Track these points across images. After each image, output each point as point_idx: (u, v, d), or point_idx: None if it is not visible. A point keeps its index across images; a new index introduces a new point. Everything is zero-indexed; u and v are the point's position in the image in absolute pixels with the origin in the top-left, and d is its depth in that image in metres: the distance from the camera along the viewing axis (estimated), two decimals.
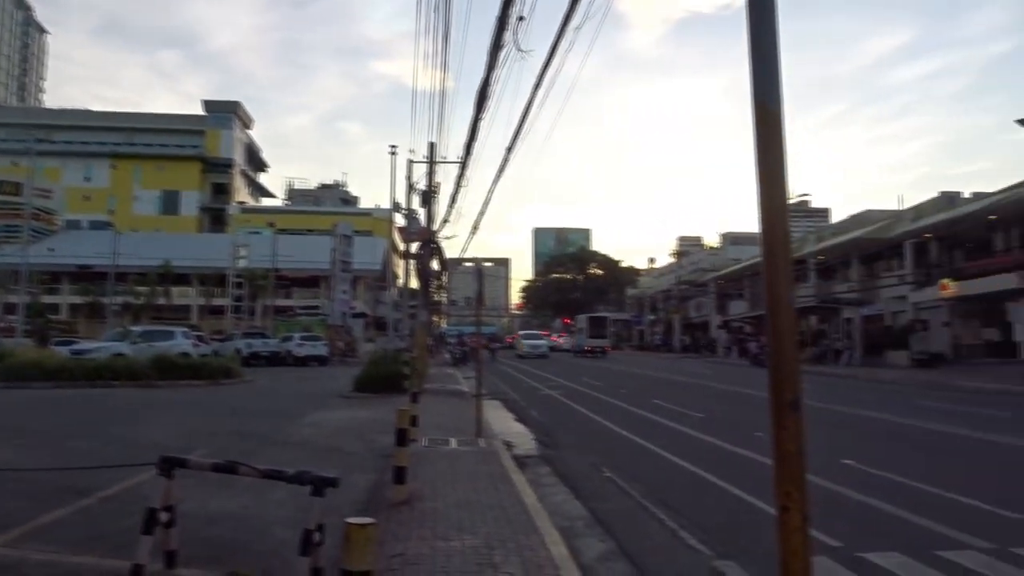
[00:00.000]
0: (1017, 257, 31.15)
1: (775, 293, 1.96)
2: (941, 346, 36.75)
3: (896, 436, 13.23)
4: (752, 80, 1.97)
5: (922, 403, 18.93)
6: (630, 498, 8.01)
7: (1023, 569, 5.42)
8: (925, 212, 41.49)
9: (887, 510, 7.25)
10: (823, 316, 49.18)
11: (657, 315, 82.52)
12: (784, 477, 1.91)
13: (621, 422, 14.71)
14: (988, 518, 6.97)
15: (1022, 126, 22.56)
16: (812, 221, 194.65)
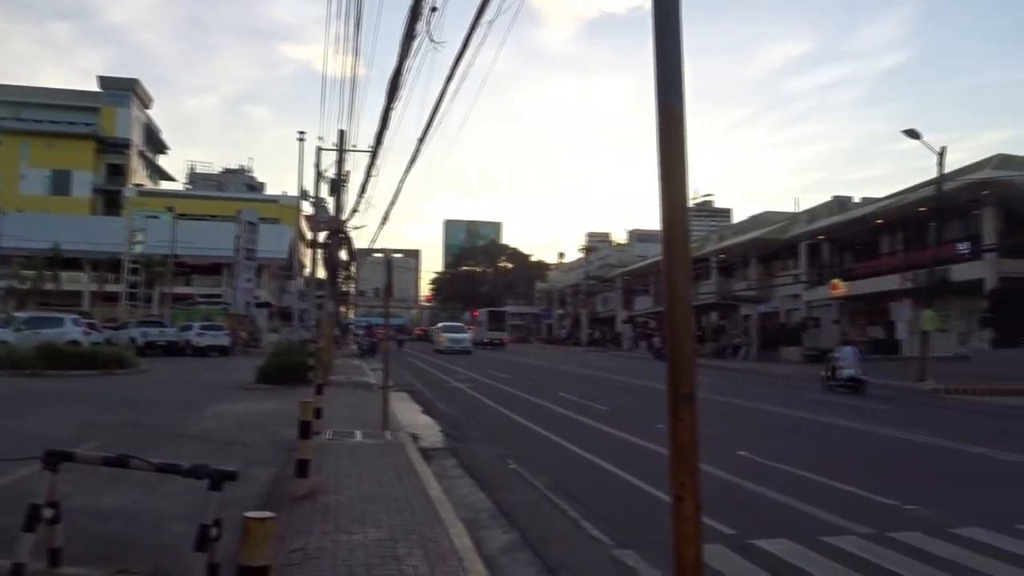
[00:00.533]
0: (900, 260, 33.08)
1: (673, 290, 2.03)
2: (831, 343, 38.63)
3: (788, 428, 13.87)
4: (656, 81, 2.03)
5: (811, 396, 19.89)
6: (535, 489, 8.11)
7: (897, 552, 5.77)
8: (819, 215, 43.55)
9: (778, 499, 7.59)
10: (723, 312, 51.01)
11: (565, 309, 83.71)
12: (679, 468, 1.98)
13: (528, 414, 14.86)
14: (867, 504, 7.39)
15: (908, 136, 23.85)
16: (715, 221, 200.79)
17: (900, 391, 22.51)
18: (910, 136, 23.87)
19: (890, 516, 6.90)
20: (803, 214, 47.36)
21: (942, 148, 24.31)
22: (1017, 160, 31.53)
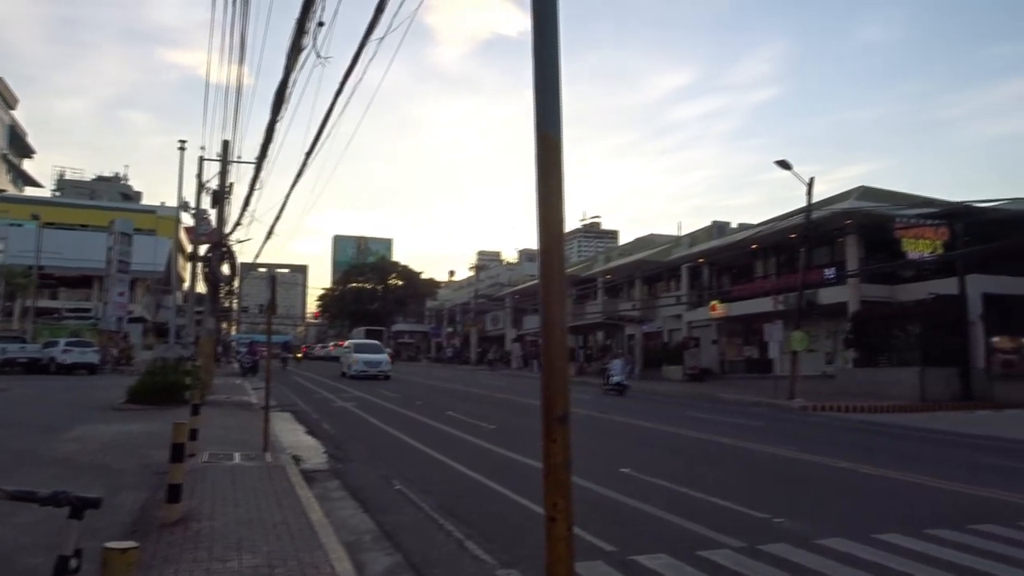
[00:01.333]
0: (773, 283, 34.88)
1: (549, 311, 2.07)
2: (710, 362, 40.29)
3: (669, 445, 14.30)
4: (535, 110, 2.07)
5: (692, 414, 20.61)
6: (420, 510, 8.02)
7: (766, 563, 6.04)
8: (699, 239, 45.44)
9: (658, 515, 7.80)
10: (609, 332, 52.22)
11: (455, 327, 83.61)
12: (552, 488, 2.01)
13: (414, 434, 14.71)
14: (740, 518, 7.71)
15: (781, 167, 25.29)
16: (603, 242, 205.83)
17: (772, 408, 23.66)
18: (782, 167, 25.32)
19: (761, 529, 7.21)
20: (685, 238, 49.31)
21: (811, 179, 25.94)
22: (877, 192, 33.96)
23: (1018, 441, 16.00)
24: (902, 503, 8.97)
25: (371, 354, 37.21)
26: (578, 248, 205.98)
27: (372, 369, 35.65)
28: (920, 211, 29.61)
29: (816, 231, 28.32)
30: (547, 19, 2.04)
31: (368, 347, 39.42)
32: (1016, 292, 27.32)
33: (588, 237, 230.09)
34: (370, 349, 38.69)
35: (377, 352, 38.00)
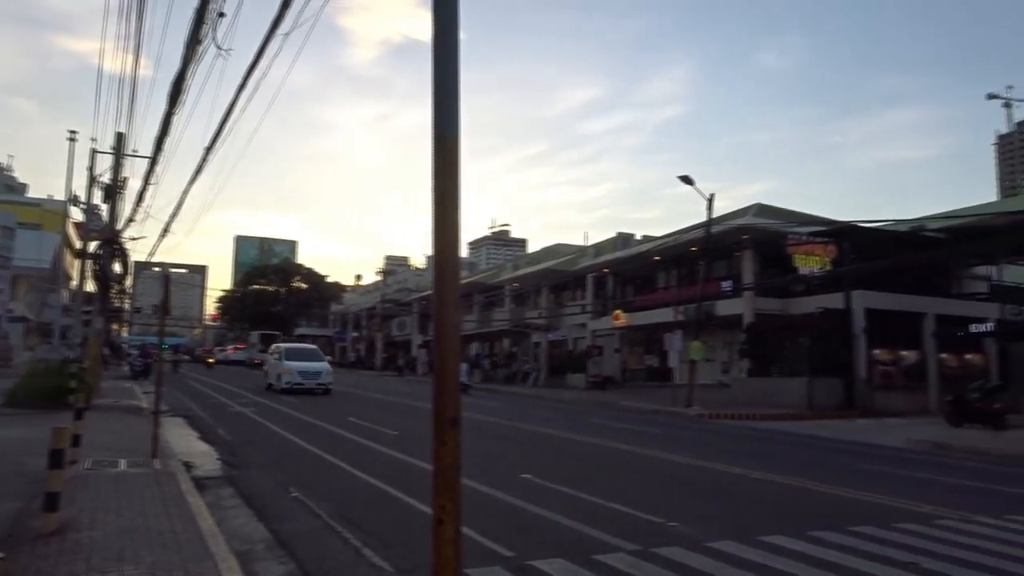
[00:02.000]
0: (674, 294, 35.88)
1: (442, 315, 2.06)
2: (612, 370, 41.07)
3: (569, 451, 14.48)
4: (433, 113, 2.07)
5: (594, 421, 20.96)
6: (317, 518, 7.85)
7: (659, 566, 6.19)
8: (604, 250, 46.34)
9: (557, 520, 7.89)
10: (515, 339, 52.54)
11: (360, 332, 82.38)
12: (441, 491, 2.01)
13: (314, 440, 14.40)
14: (636, 523, 7.88)
15: (683, 182, 26.09)
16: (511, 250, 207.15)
17: (670, 416, 24.32)
18: (685, 182, 26.12)
19: (655, 533, 7.40)
20: (591, 248, 50.19)
21: (711, 195, 26.86)
22: (773, 209, 35.45)
23: (894, 448, 16.97)
24: (787, 506, 9.37)
25: (308, 362, 29.72)
26: (487, 255, 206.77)
27: (310, 381, 28.56)
28: (811, 229, 31.08)
29: (715, 245, 29.33)
30: (447, 20, 2.04)
31: (303, 353, 31.27)
32: (895, 308, 29.03)
33: (497, 245, 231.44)
34: (306, 356, 30.79)
35: (315, 359, 30.55)
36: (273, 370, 30.61)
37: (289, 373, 28.46)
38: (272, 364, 31.28)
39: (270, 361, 32.22)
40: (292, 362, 29.12)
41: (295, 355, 30.21)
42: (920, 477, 12.27)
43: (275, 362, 30.72)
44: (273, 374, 30.33)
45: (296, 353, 30.75)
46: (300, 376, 28.40)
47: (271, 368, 31.29)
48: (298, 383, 28.17)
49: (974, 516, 8.67)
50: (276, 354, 31.38)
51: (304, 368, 28.89)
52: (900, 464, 14.00)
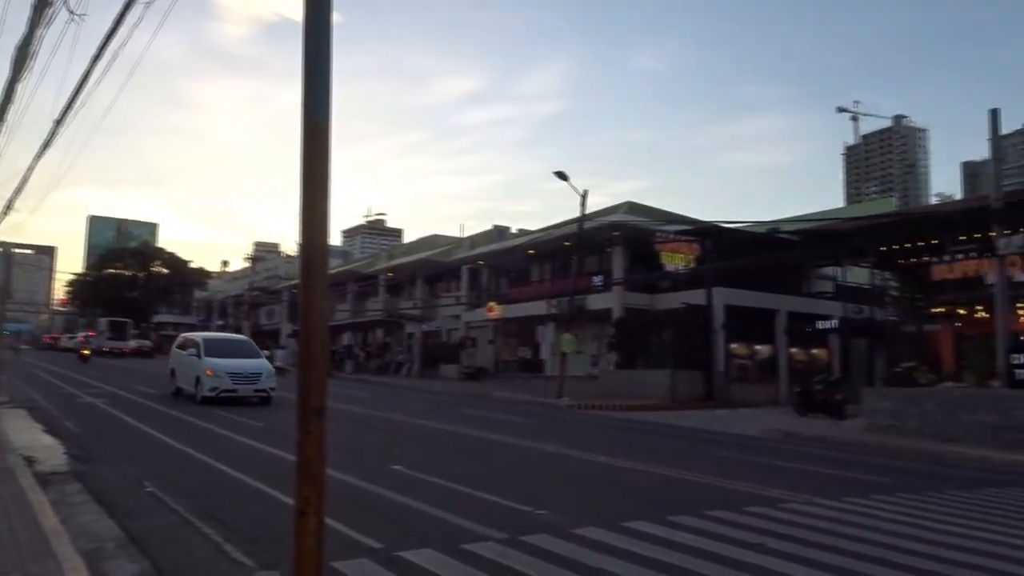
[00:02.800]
0: (548, 288, 36.56)
1: (309, 303, 2.02)
2: (486, 361, 41.41)
3: (442, 442, 14.51)
4: (304, 96, 2.01)
5: (466, 412, 21.07)
6: (174, 513, 7.50)
7: (527, 553, 6.30)
8: (480, 242, 46.62)
9: (427, 510, 7.88)
10: (389, 330, 52.03)
11: (227, 321, 79.18)
12: (305, 482, 1.97)
13: (173, 433, 13.74)
14: (505, 511, 7.99)
15: (558, 178, 26.60)
16: (386, 240, 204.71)
17: (542, 407, 24.81)
18: (559, 178, 26.65)
19: (523, 521, 7.52)
20: (467, 240, 50.36)
21: (585, 191, 27.54)
22: (642, 208, 36.75)
23: (747, 436, 18.02)
24: (650, 493, 9.77)
25: (240, 359, 21.39)
26: (361, 244, 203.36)
27: (245, 385, 20.71)
28: (677, 228, 32.42)
29: (588, 241, 30.11)
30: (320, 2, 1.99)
31: (231, 346, 22.72)
32: (752, 305, 30.77)
33: (372, 234, 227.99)
34: (236, 350, 22.18)
35: (248, 355, 22.10)
36: (187, 371, 21.89)
37: (215, 376, 20.28)
38: (184, 363, 22.32)
39: (180, 359, 22.89)
40: (217, 360, 20.80)
41: (219, 350, 21.60)
42: (770, 464, 13.08)
43: (189, 360, 21.97)
44: (187, 376, 21.83)
45: (220, 347, 22.06)
46: (231, 379, 20.30)
47: (182, 368, 22.40)
48: (228, 390, 20.14)
49: (815, 499, 9.33)
50: (190, 349, 22.31)
51: (236, 368, 20.63)
52: (752, 451, 14.88)
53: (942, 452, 15.33)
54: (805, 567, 6.10)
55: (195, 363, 21.20)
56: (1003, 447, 15.35)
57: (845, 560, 6.33)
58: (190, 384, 21.20)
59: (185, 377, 21.74)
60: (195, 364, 21.17)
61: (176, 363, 23.08)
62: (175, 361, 23.29)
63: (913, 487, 10.77)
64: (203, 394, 20.06)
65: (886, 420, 18.14)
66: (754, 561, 6.21)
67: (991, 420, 16.09)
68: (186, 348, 22.63)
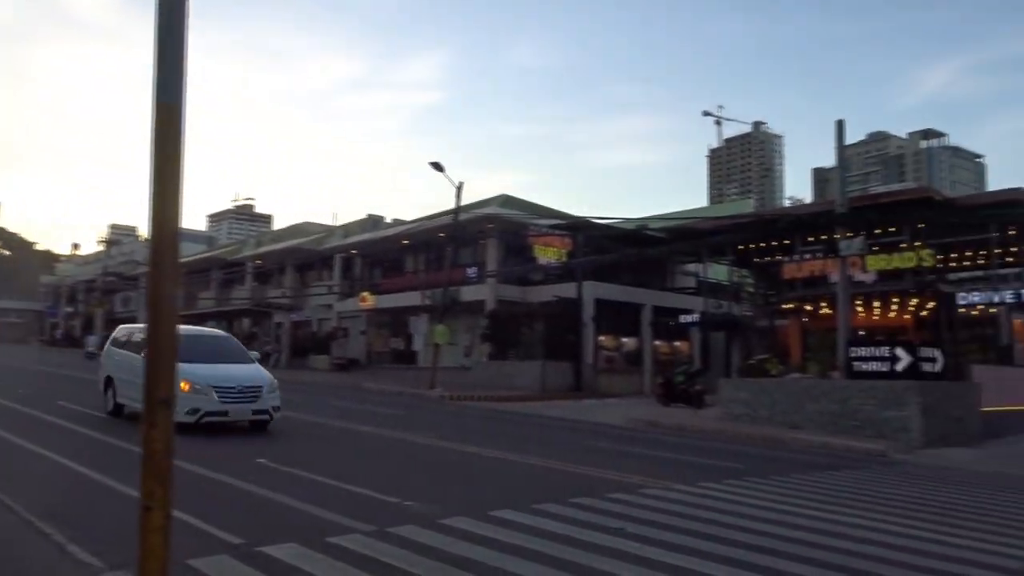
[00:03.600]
0: (422, 279, 36.43)
1: (157, 290, 1.94)
2: (358, 352, 40.80)
3: (309, 434, 14.19)
4: (155, 79, 1.90)
5: (337, 403, 20.69)
6: (12, 513, 6.98)
7: (394, 545, 6.28)
8: (354, 231, 45.86)
9: (291, 504, 7.70)
10: (256, 319, 50.31)
11: (76, 308, 74.13)
12: (150, 476, 1.89)
13: (12, 428, 12.75)
14: (373, 503, 7.93)
15: (434, 168, 26.50)
16: (255, 226, 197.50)
17: (414, 398, 24.71)
18: (435, 168, 26.55)
19: (391, 512, 7.49)
20: (340, 228, 49.38)
21: (460, 183, 27.57)
22: (517, 201, 37.21)
23: (613, 426, 18.66)
24: (517, 481, 9.95)
25: (226, 364, 14.10)
26: (228, 230, 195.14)
27: (238, 404, 13.34)
28: (551, 222, 33.06)
29: (463, 232, 30.20)
30: None
31: (210, 346, 14.77)
32: (620, 299, 31.83)
33: (240, 219, 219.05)
34: (217, 351, 14.64)
35: (236, 358, 14.79)
36: (134, 379, 12.95)
37: (195, 393, 12.82)
38: (128, 368, 14.12)
39: (121, 362, 14.95)
40: (194, 367, 12.85)
41: (192, 351, 12.80)
42: (632, 452, 13.60)
43: (137, 364, 13.14)
44: (133, 388, 13.39)
45: (193, 346, 13.20)
46: (219, 397, 13.03)
47: (126, 375, 14.31)
48: (216, 412, 13.03)
49: (673, 485, 9.79)
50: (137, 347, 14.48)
51: (224, 379, 13.29)
52: (616, 440, 15.43)
53: (789, 439, 16.44)
54: (662, 549, 6.39)
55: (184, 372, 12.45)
56: (841, 433, 16.64)
57: (698, 541, 6.69)
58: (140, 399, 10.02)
59: (131, 389, 13.51)
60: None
61: (114, 368, 15.02)
62: (112, 365, 15.19)
63: (761, 472, 11.49)
64: (180, 419, 11.78)
65: (740, 409, 19.25)
66: (614, 546, 6.45)
67: (832, 408, 17.39)
68: (129, 346, 14.89)
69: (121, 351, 15.23)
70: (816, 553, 6.61)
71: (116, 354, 15.36)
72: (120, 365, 14.75)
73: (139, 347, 13.04)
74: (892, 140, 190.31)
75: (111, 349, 15.84)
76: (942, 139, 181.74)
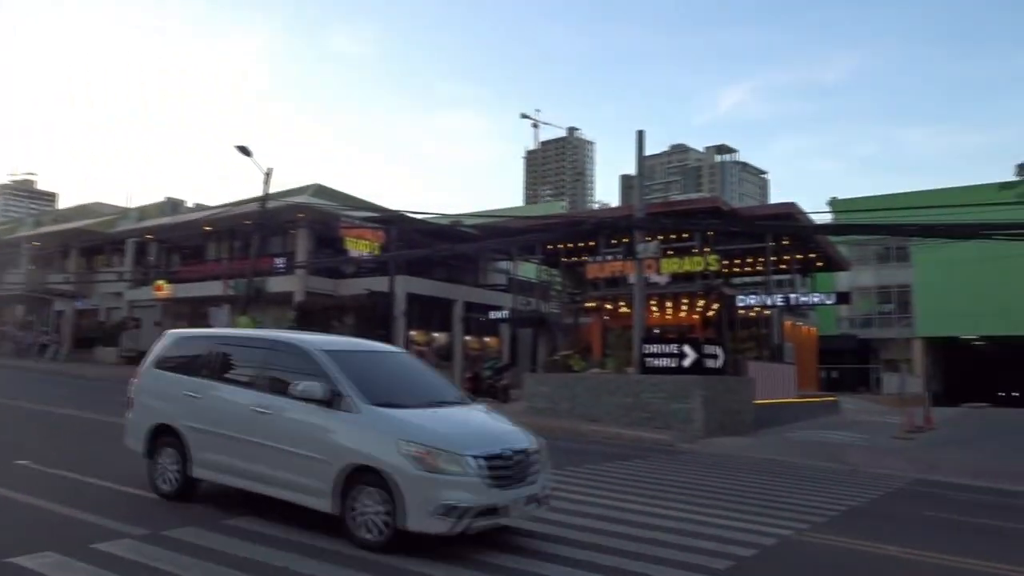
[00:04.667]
0: (225, 267, 34.57)
1: None
2: (151, 344, 38.01)
3: (83, 431, 13.04)
4: None
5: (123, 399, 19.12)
6: None
7: (169, 549, 5.90)
8: (150, 214, 42.75)
9: (55, 509, 7.03)
10: (33, 306, 45.59)
11: None
12: None
13: None
14: (154, 505, 7.41)
15: (241, 152, 25.23)
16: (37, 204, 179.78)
17: None
18: (242, 152, 25.30)
19: (171, 514, 7.02)
20: (135, 211, 45.85)
21: (269, 169, 26.47)
22: (330, 191, 36.28)
23: None
24: None
25: (448, 408, 7.14)
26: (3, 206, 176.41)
27: (515, 491, 6.37)
28: (364, 214, 32.53)
29: (271, 221, 28.99)
30: None
31: (397, 375, 7.65)
32: (433, 294, 31.95)
33: (18, 196, 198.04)
34: (415, 386, 7.54)
35: (447, 396, 7.52)
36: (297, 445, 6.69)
37: (448, 468, 6.09)
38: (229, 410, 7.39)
39: (204, 401, 7.64)
40: (417, 416, 6.62)
41: (376, 383, 7.02)
42: None
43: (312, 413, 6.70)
44: (298, 464, 6.61)
45: (373, 375, 7.26)
46: (486, 474, 6.20)
47: (206, 420, 7.51)
48: (486, 508, 6.18)
49: None
50: (241, 369, 7.69)
51: (477, 438, 6.55)
52: None
53: (588, 431, 17.25)
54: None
55: (345, 425, 6.56)
56: (634, 425, 17.70)
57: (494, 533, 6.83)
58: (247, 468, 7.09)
59: (226, 448, 7.25)
60: (346, 427, 6.55)
61: (179, 409, 7.85)
62: (169, 403, 8.02)
63: (558, 463, 11.94)
64: (421, 526, 6.03)
65: (543, 403, 19.94)
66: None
67: (626, 402, 18.44)
68: (206, 368, 7.91)
69: (190, 379, 7.89)
70: (596, 538, 6.97)
71: (176, 383, 7.99)
72: (196, 404, 7.65)
73: (228, 367, 7.74)
74: (691, 153, 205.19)
75: (159, 374, 8.38)
76: (734, 154, 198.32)
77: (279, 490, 6.78)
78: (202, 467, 7.43)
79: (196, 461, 7.45)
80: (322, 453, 6.46)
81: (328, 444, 6.47)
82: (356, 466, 6.26)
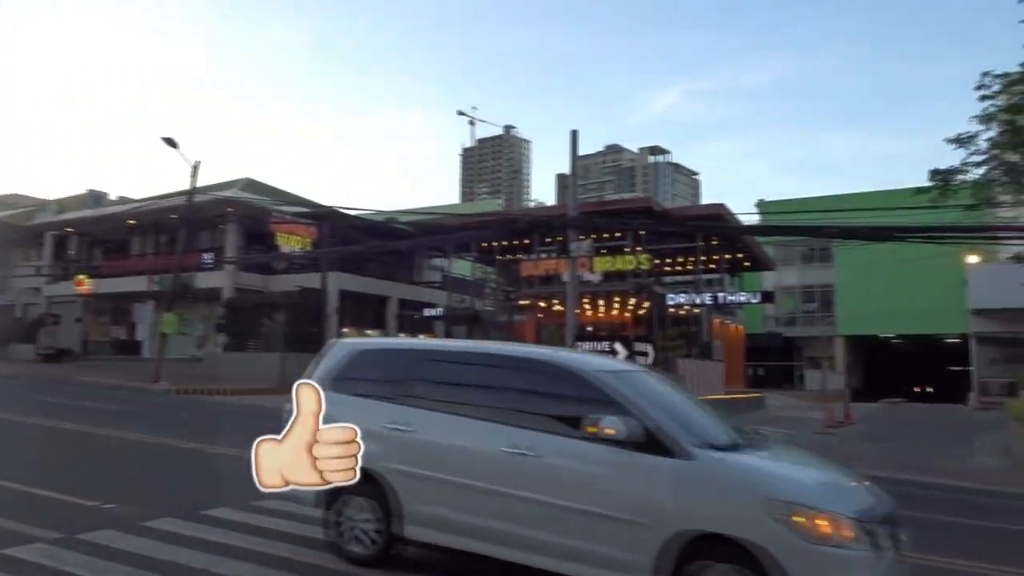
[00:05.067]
0: (150, 262, 33.58)
1: None
2: (72, 341, 36.67)
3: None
4: None
5: (39, 398, 18.43)
6: None
7: (84, 553, 5.73)
8: (71, 207, 41.20)
9: None
10: None
11: None
12: None
13: None
14: (64, 508, 7.16)
15: (167, 144, 24.54)
16: None
17: (134, 391, 22.74)
18: (168, 144, 24.60)
19: (85, 517, 6.81)
20: (54, 203, 44.13)
21: (196, 162, 25.77)
22: (261, 186, 35.57)
23: None
24: (238, 479, 9.46)
25: (754, 451, 5.18)
26: None
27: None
28: (296, 210, 32.02)
29: (199, 215, 28.27)
30: None
31: (675, 404, 5.60)
32: (366, 290, 31.65)
33: None
34: (695, 417, 5.54)
35: (728, 432, 5.45)
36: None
37: (848, 541, 4.36)
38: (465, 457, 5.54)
39: (424, 439, 5.71)
40: (775, 465, 5.09)
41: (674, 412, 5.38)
42: None
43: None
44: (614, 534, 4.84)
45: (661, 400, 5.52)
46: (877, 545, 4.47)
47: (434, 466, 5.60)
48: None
49: None
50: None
51: (848, 495, 4.88)
52: None
53: None
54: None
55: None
56: None
57: None
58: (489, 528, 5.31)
59: (458, 501, 5.45)
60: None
61: (389, 449, 5.74)
62: (380, 449, 5.63)
63: None
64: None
65: None
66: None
67: None
68: (414, 393, 5.94)
69: (393, 406, 5.95)
70: None
71: (372, 412, 5.88)
72: (408, 441, 5.77)
73: (451, 392, 5.90)
74: (626, 153, 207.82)
75: (337, 398, 5.55)
76: (667, 155, 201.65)
77: (557, 561, 4.98)
78: (420, 525, 5.56)
79: (410, 517, 5.57)
80: (634, 514, 4.75)
81: (644, 501, 4.79)
82: (699, 534, 4.59)
